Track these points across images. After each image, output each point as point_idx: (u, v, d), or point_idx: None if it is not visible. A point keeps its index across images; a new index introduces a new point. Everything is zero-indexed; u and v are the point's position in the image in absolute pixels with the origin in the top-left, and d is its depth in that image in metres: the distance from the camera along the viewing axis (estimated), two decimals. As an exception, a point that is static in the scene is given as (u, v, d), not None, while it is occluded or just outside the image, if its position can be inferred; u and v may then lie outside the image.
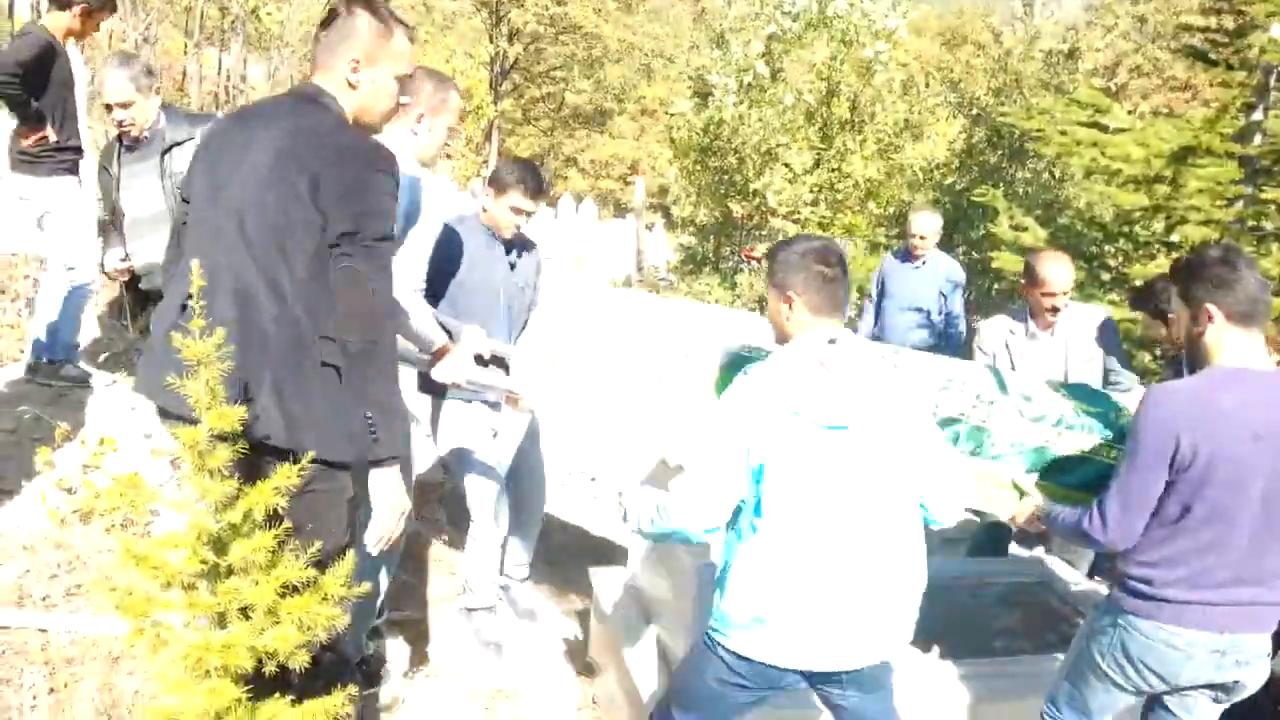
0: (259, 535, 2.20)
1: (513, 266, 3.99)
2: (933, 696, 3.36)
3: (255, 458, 2.29)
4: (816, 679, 2.52)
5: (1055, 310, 4.19)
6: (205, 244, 2.39)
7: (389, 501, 2.40)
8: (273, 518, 2.21)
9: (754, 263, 8.97)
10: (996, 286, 7.93)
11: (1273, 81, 5.95)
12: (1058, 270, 4.14)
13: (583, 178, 35.63)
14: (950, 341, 6.14)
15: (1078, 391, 3.15)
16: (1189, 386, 2.54)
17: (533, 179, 3.82)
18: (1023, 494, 2.97)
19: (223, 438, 2.14)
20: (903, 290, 6.34)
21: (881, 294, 6.49)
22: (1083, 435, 2.96)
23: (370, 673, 3.53)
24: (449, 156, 20.25)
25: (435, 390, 4.02)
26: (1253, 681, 2.63)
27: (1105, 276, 6.40)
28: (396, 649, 3.80)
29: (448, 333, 3.52)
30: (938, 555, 5.28)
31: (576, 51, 29.58)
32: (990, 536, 4.61)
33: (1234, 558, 2.51)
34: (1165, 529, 2.54)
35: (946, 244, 8.20)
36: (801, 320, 2.45)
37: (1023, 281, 4.32)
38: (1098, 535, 2.62)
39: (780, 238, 9.12)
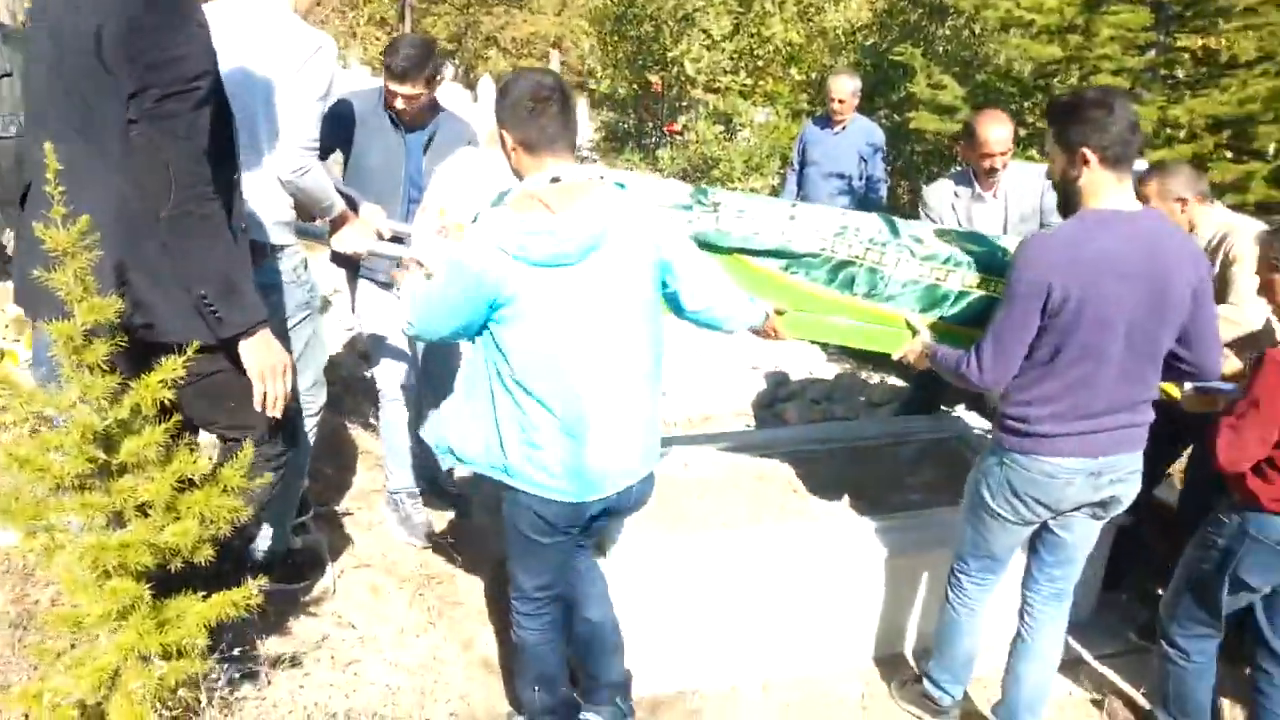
0: (150, 430, 2.13)
1: (421, 149, 3.85)
2: (850, 552, 3.46)
3: (143, 350, 2.21)
4: (612, 508, 2.61)
5: (994, 170, 4.17)
6: (34, 119, 2.25)
7: (259, 368, 2.30)
8: (165, 411, 2.15)
9: (676, 137, 8.81)
10: (917, 148, 7.90)
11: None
12: (995, 130, 4.10)
13: (504, 57, 34.46)
14: (872, 206, 6.12)
15: (964, 235, 3.24)
16: (1061, 234, 2.62)
17: (400, 60, 3.60)
18: (914, 332, 3.08)
19: (99, 331, 2.06)
20: (824, 156, 6.29)
21: (803, 161, 6.43)
22: (969, 273, 3.06)
23: (297, 566, 3.52)
24: (355, 35, 19.40)
25: (349, 265, 3.96)
26: (1127, 496, 2.84)
27: (1023, 132, 6.39)
28: (325, 543, 3.79)
29: (351, 204, 3.43)
30: (863, 416, 5.46)
31: (489, -78, 28.18)
32: (920, 396, 4.70)
33: (1104, 390, 2.66)
34: (1038, 369, 2.67)
35: (869, 107, 8.12)
36: (523, 159, 2.45)
37: (961, 143, 4.29)
38: (974, 378, 2.75)
39: (702, 110, 9.01)
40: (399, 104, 3.68)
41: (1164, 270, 2.56)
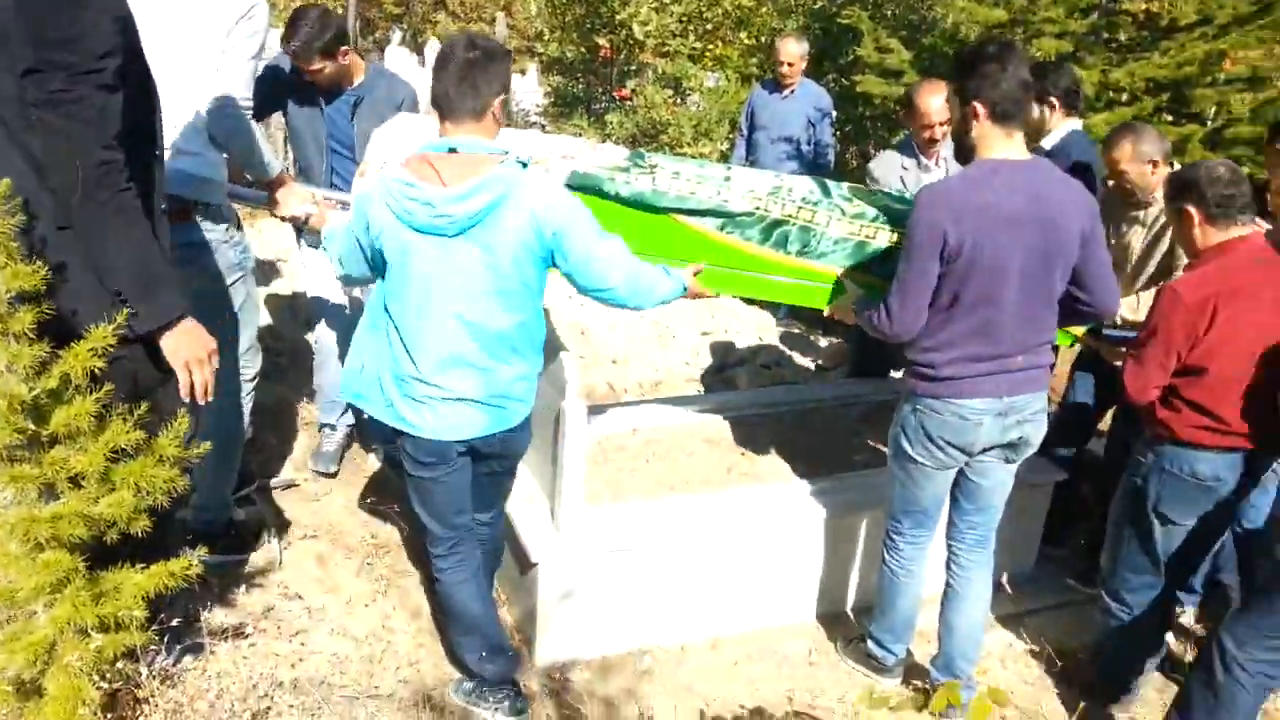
0: (81, 400, 2.09)
1: (346, 115, 3.84)
2: (796, 513, 3.51)
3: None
4: (472, 453, 2.74)
5: (934, 140, 4.19)
6: None
7: (183, 358, 2.26)
8: (97, 380, 2.10)
9: (625, 102, 8.74)
10: (865, 112, 7.91)
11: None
12: (934, 100, 4.10)
13: (453, 21, 33.92)
14: (820, 170, 6.14)
15: (889, 194, 3.35)
16: (953, 184, 2.76)
17: (296, 43, 3.60)
18: (844, 289, 3.18)
19: (25, 299, 2.01)
20: (772, 120, 6.29)
21: (752, 126, 6.43)
22: (897, 229, 3.13)
23: (241, 537, 3.49)
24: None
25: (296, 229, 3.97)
26: (1034, 437, 2.97)
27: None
28: (270, 514, 3.76)
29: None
30: (813, 380, 5.49)
31: (434, -118, 27.59)
32: (868, 360, 4.74)
33: (1005, 333, 2.78)
34: (941, 315, 2.79)
35: (817, 70, 8.11)
36: (438, 127, 2.57)
37: (902, 112, 4.30)
38: (884, 328, 2.86)
39: (651, 75, 8.94)
40: (306, 77, 3.72)
41: (1051, 216, 2.69)
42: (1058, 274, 2.77)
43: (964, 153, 2.82)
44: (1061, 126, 3.81)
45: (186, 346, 2.26)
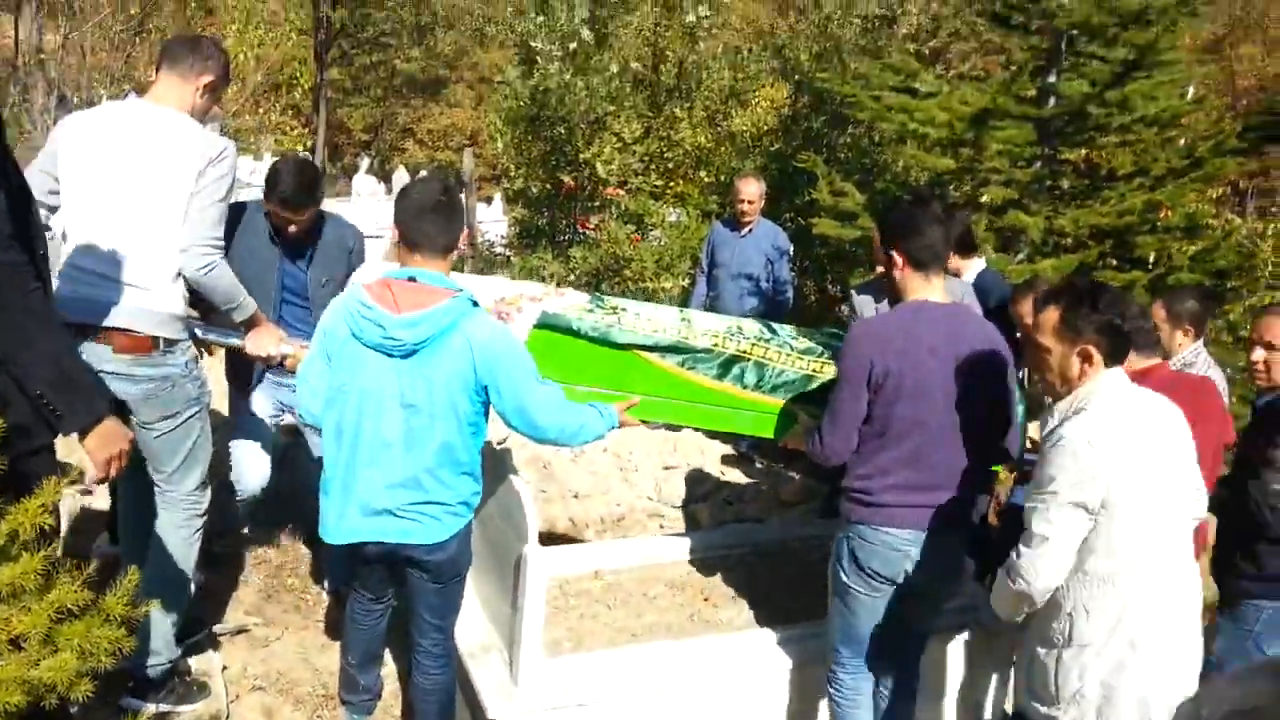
0: (28, 558, 2.03)
1: (300, 267, 3.86)
2: (758, 663, 3.44)
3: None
4: (396, 562, 2.92)
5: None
6: None
7: (103, 457, 2.32)
8: (44, 535, 2.04)
9: (589, 233, 8.93)
10: (822, 252, 8.13)
11: (1064, 46, 6.26)
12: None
13: (421, 149, 34.70)
14: (779, 308, 6.27)
15: (827, 331, 3.62)
16: (880, 319, 3.02)
17: (292, 191, 3.63)
18: (793, 419, 3.31)
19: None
20: (732, 258, 6.43)
21: (712, 263, 6.56)
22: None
23: (188, 687, 3.36)
24: (267, 127, 19.32)
25: (239, 376, 3.93)
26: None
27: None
28: (223, 661, 3.63)
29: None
30: (775, 515, 5.47)
31: (405, 17, 28.60)
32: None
33: (936, 461, 2.89)
34: (874, 442, 2.91)
35: (775, 210, 8.36)
36: (400, 252, 2.83)
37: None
38: (817, 453, 3.00)
39: (614, 210, 9.17)
40: (292, 229, 3.71)
41: (970, 351, 2.88)
42: (982, 406, 2.90)
43: (891, 295, 3.05)
44: (973, 266, 4.32)
45: (107, 446, 2.31)
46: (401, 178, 20.77)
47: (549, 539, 4.21)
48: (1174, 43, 6.22)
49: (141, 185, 2.89)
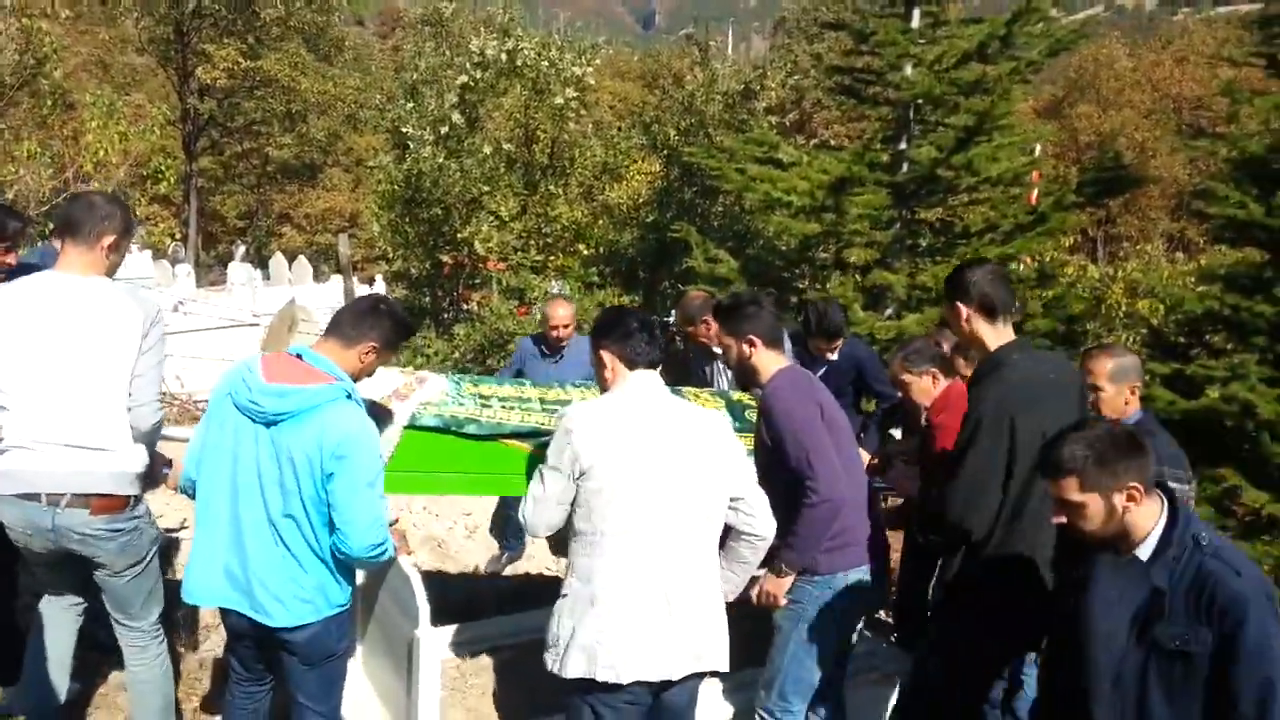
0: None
1: None
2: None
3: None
4: (255, 634, 2.86)
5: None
6: None
7: None
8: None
9: (474, 309, 8.99)
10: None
11: (911, 115, 6.68)
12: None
13: (299, 234, 34.18)
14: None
15: None
16: (789, 378, 3.18)
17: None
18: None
19: None
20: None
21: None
22: None
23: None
24: (141, 217, 18.80)
25: None
26: None
27: (793, 299, 6.91)
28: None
29: None
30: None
31: (275, 105, 28.34)
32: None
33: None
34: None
35: (653, 278, 8.58)
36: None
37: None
38: (823, 499, 2.99)
39: (496, 282, 9.27)
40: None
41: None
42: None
43: (748, 377, 3.28)
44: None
45: None
46: (279, 263, 20.42)
47: (446, 619, 4.17)
48: (1009, 109, 6.68)
49: (89, 355, 2.99)
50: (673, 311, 8.49)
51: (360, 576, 3.69)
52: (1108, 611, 2.26)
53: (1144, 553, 2.19)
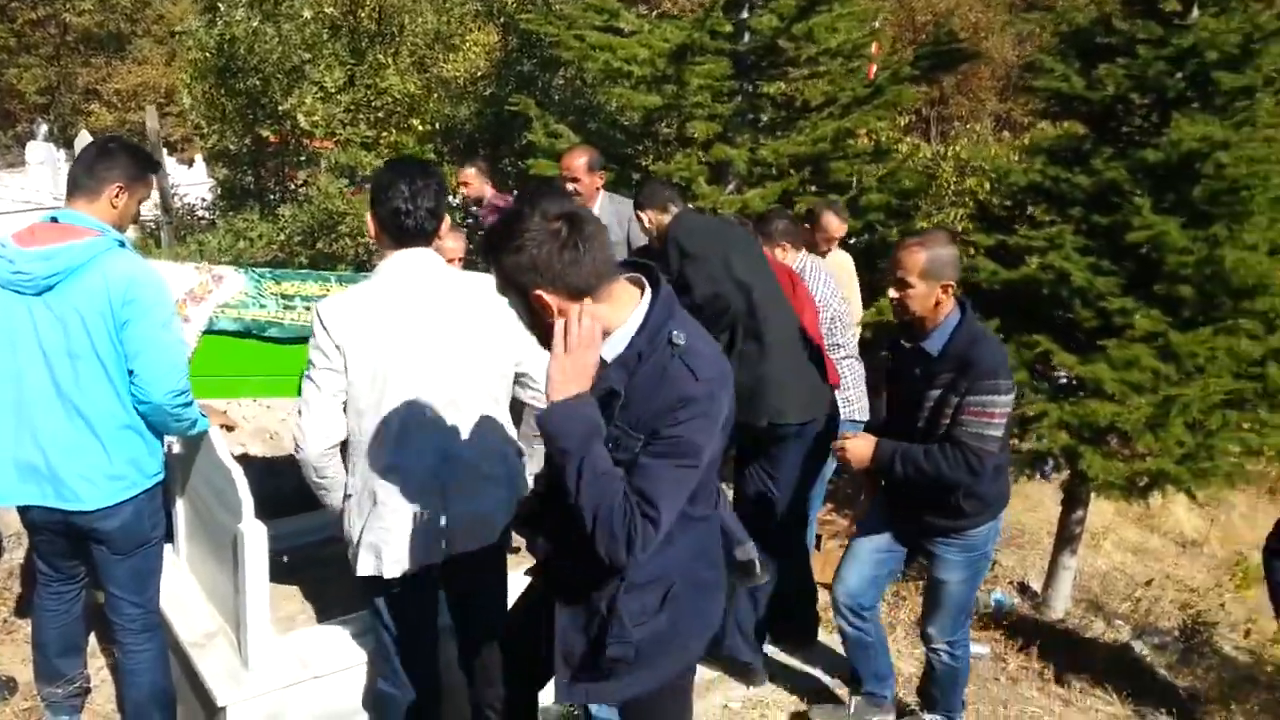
0: None
1: None
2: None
3: None
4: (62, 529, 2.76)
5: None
6: None
7: None
8: None
9: (300, 190, 8.46)
10: (545, 194, 8.11)
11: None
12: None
13: (109, 111, 31.59)
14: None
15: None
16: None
17: None
18: None
19: None
20: None
21: None
22: None
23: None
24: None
25: None
26: None
27: (636, 176, 6.78)
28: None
29: None
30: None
31: (72, -34, 25.71)
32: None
33: None
34: None
35: (494, 155, 8.27)
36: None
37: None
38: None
39: (324, 160, 8.74)
40: None
41: None
42: None
43: None
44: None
45: None
46: (85, 142, 18.76)
47: (282, 511, 4.01)
48: (849, -23, 6.62)
49: None
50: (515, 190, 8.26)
51: (179, 471, 3.50)
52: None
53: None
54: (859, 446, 3.19)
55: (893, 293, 3.11)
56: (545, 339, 1.96)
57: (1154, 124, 5.37)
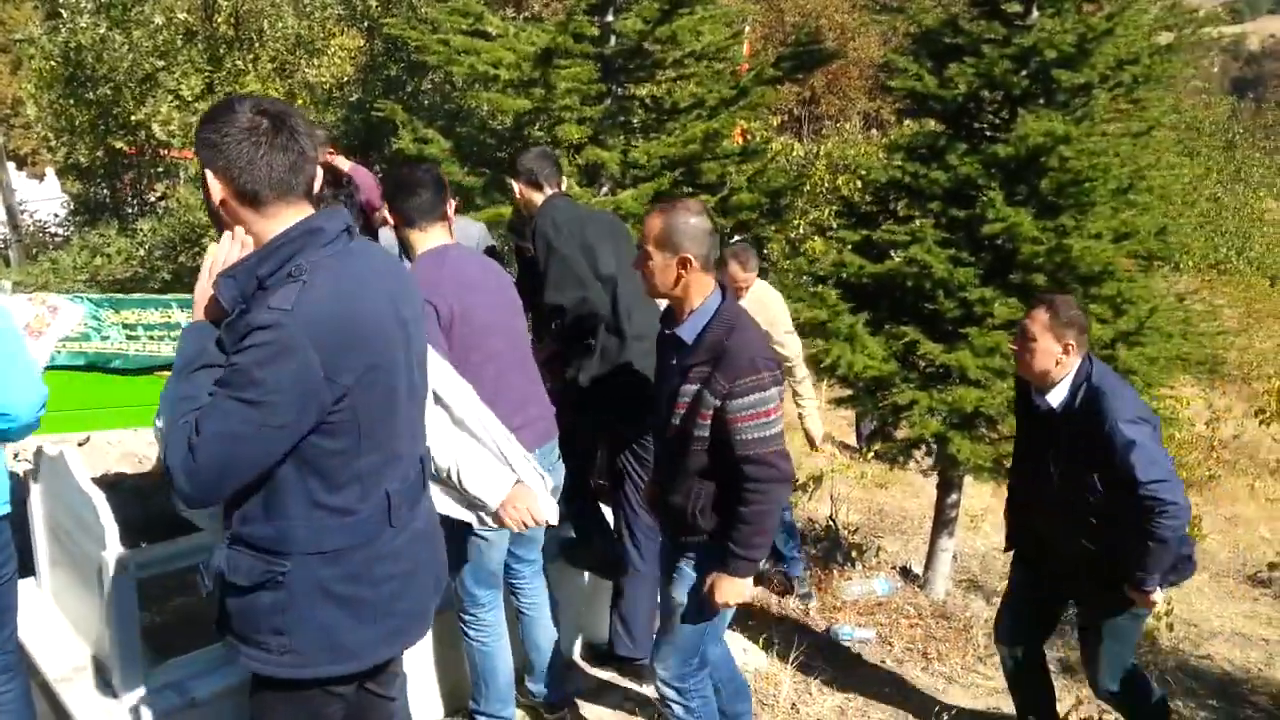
0: None
1: None
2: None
3: None
4: None
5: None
6: None
7: None
8: None
9: (160, 204, 8.13)
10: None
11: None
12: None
13: (-56, 123, 29.70)
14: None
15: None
16: (424, 265, 3.07)
17: None
18: None
19: None
20: None
21: None
22: None
23: None
24: None
25: None
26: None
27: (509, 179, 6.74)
28: None
29: None
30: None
31: (-104, -32, 24.02)
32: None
33: (516, 386, 3.20)
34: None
35: (364, 161, 8.09)
36: None
37: None
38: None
39: (183, 171, 8.43)
40: None
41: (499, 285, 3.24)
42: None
43: (407, 250, 3.17)
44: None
45: None
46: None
47: (153, 535, 3.86)
48: (712, -21, 6.73)
49: None
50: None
51: (40, 503, 3.35)
52: None
53: None
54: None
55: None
56: (215, 223, 1.98)
57: (1004, 120, 5.62)
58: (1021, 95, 5.44)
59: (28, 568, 3.39)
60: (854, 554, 6.38)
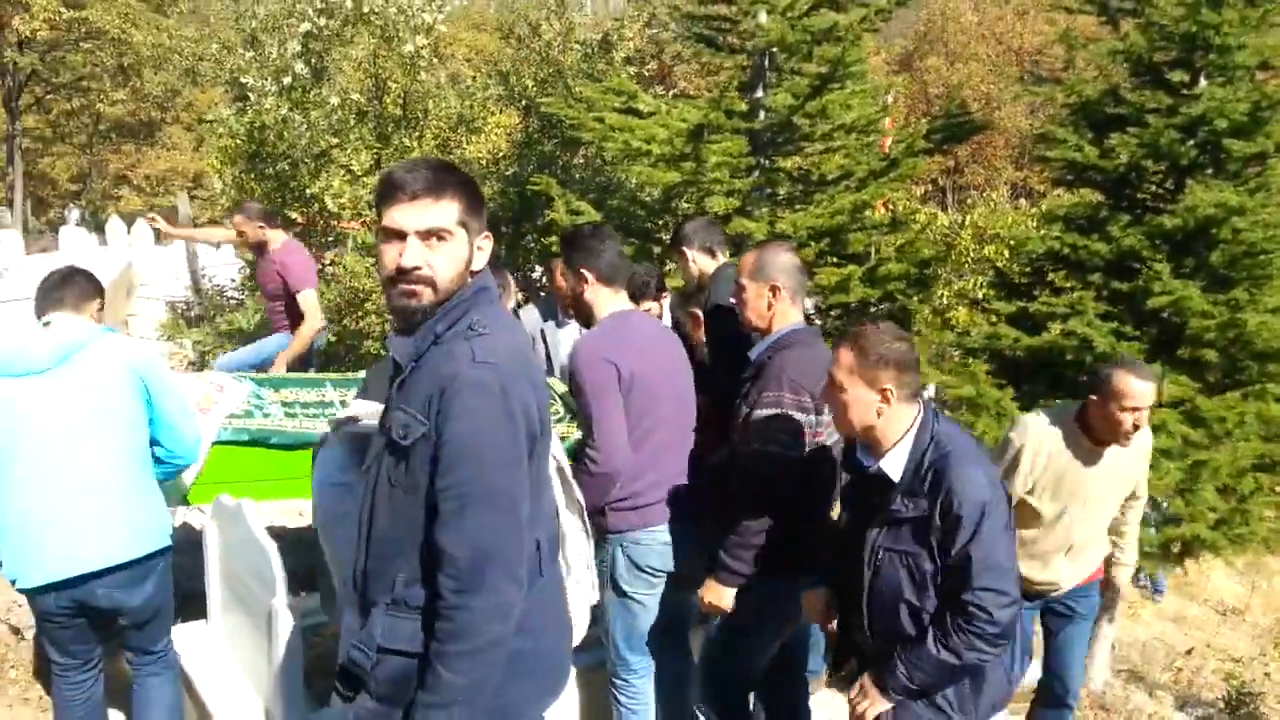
0: None
1: None
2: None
3: None
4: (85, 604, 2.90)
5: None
6: None
7: None
8: None
9: (328, 268, 8.64)
10: (565, 269, 8.25)
11: (766, 63, 6.70)
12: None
13: (139, 196, 32.40)
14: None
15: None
16: (600, 330, 3.10)
17: None
18: None
19: None
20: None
21: None
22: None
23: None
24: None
25: None
26: None
27: (657, 250, 6.90)
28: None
29: None
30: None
31: (104, 59, 26.52)
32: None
33: (677, 454, 3.13)
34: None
35: (516, 232, 8.42)
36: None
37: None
38: (601, 480, 2.92)
39: (350, 240, 8.95)
40: None
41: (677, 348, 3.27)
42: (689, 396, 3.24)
43: (582, 312, 3.19)
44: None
45: None
46: (116, 227, 19.23)
47: (311, 586, 4.03)
48: (861, 55, 6.77)
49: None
50: (538, 266, 8.40)
51: (215, 551, 3.55)
52: None
53: None
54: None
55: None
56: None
57: (1169, 191, 5.44)
58: (1188, 165, 5.25)
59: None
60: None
